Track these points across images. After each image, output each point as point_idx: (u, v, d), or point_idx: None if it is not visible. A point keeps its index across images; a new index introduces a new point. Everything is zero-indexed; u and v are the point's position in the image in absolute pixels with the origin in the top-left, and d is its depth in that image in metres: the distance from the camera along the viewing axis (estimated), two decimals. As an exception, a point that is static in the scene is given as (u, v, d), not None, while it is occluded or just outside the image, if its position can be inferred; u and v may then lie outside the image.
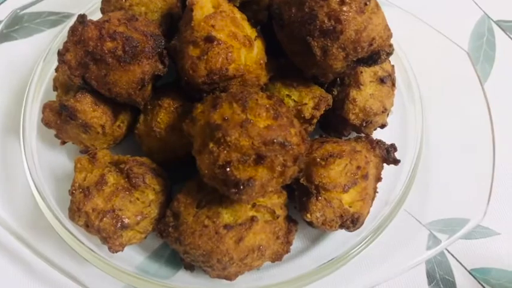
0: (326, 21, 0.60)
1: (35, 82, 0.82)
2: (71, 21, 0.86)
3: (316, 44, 0.62)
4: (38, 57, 0.88)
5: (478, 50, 1.01)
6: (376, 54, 0.64)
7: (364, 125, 0.75)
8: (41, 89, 0.83)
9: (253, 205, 0.65)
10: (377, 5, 0.63)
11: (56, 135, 0.76)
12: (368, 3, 0.61)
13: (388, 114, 0.78)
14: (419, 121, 0.83)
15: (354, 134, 0.80)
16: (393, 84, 0.77)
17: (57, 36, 0.86)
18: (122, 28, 0.66)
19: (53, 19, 0.97)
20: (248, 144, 0.57)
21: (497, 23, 1.05)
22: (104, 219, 0.65)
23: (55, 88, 0.77)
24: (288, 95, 0.72)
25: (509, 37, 1.03)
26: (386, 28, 0.64)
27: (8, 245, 0.75)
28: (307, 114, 0.71)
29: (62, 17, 0.97)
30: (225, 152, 0.58)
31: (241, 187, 0.57)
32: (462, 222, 0.75)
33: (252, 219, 0.63)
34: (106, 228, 0.65)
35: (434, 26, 0.92)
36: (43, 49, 0.89)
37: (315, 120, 0.73)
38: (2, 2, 1.03)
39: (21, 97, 0.83)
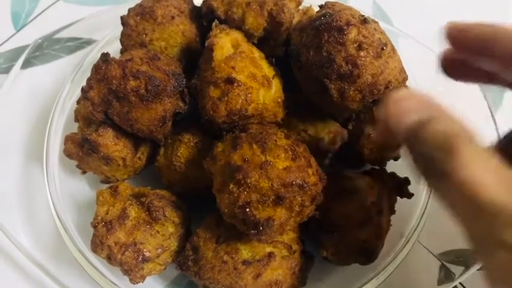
0: (344, 65, 0.62)
1: (58, 112, 0.84)
2: (93, 51, 0.89)
3: (333, 87, 0.64)
4: (58, 84, 0.90)
5: (490, 78, 1.02)
6: None
7: (378, 159, 0.77)
8: (63, 118, 0.85)
9: (271, 241, 0.67)
10: (393, 49, 0.65)
11: (77, 166, 0.78)
12: (385, 48, 0.62)
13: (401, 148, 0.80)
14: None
15: (368, 165, 0.81)
16: (407, 120, 0.79)
17: (78, 66, 0.88)
18: (144, 67, 0.68)
19: (72, 45, 1.00)
20: (267, 185, 0.59)
21: (509, 50, 1.06)
22: (126, 252, 0.67)
23: (76, 119, 0.79)
24: (303, 130, 0.74)
25: (521, 64, 1.04)
26: (402, 71, 0.66)
27: (30, 272, 0.77)
28: (323, 149, 0.73)
29: (82, 43, 1.00)
30: (245, 193, 0.59)
31: (261, 228, 0.59)
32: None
33: (270, 255, 0.65)
34: (128, 262, 0.67)
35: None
36: (62, 75, 0.92)
37: (330, 155, 0.75)
38: (22, 27, 1.05)
39: (42, 122, 0.85)
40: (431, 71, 0.91)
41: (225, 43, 0.68)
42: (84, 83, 0.70)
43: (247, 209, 0.59)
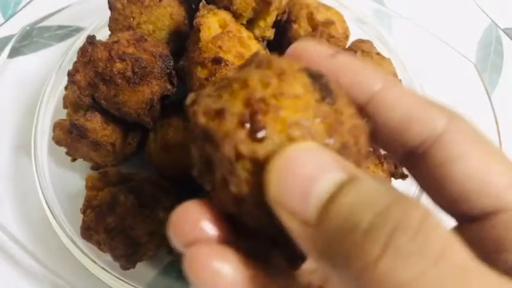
0: None
1: (46, 100, 0.82)
2: (80, 38, 0.88)
3: None
4: (47, 72, 0.89)
5: (486, 59, 1.00)
6: None
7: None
8: (51, 106, 0.84)
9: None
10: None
11: (67, 153, 0.77)
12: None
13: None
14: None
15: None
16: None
17: (66, 53, 0.87)
18: (131, 49, 0.67)
19: (62, 33, 0.98)
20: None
21: (505, 30, 1.04)
22: (116, 238, 0.66)
23: (65, 106, 0.78)
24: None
25: (517, 45, 1.02)
26: None
27: (20, 260, 0.76)
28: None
29: (71, 30, 0.98)
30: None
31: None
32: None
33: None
34: (118, 247, 0.66)
35: (441, 34, 0.92)
36: (52, 64, 0.90)
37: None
38: (11, 16, 1.04)
39: (31, 111, 0.84)
40: (425, 52, 0.91)
41: (212, 23, 0.67)
42: (71, 70, 0.69)
43: (236, 191, 0.58)
